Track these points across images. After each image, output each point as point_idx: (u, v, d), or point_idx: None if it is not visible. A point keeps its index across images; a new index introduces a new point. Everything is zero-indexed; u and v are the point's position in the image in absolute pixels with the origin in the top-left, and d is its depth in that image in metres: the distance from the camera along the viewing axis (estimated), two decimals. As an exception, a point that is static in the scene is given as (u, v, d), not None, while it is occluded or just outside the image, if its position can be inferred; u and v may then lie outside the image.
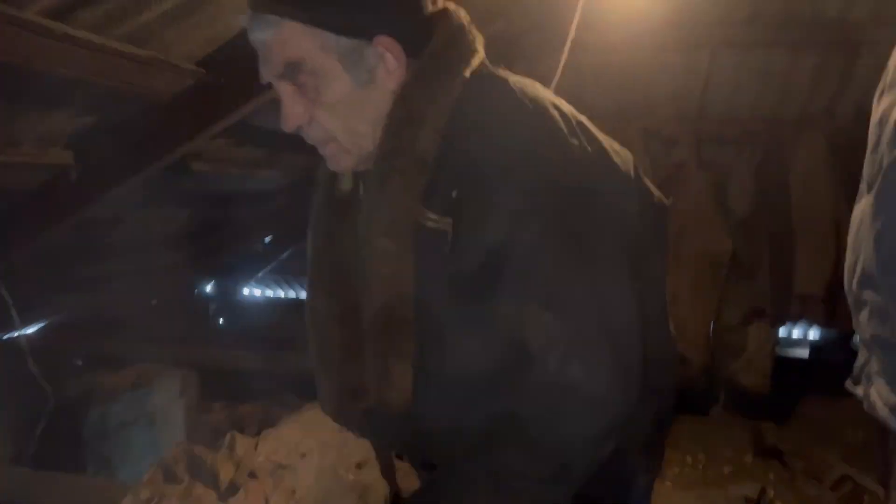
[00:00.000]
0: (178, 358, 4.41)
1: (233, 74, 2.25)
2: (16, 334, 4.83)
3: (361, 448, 2.48)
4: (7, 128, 2.17)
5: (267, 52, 0.97)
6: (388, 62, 0.97)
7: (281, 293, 7.54)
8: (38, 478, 2.41)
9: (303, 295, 6.65)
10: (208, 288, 6.66)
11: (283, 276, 7.18)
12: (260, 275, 7.01)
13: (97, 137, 2.49)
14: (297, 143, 1.10)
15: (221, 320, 6.01)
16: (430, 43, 0.99)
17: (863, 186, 1.23)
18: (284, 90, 0.98)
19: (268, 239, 6.34)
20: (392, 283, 0.97)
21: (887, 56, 1.21)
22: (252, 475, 1.98)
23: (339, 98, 0.97)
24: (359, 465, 2.43)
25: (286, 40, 0.94)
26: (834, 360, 4.28)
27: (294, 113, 0.99)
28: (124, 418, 3.69)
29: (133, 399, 3.76)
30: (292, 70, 0.96)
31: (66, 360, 4.64)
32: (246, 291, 7.01)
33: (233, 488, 1.92)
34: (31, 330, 5.26)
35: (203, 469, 1.93)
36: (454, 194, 0.92)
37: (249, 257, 6.39)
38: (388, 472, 2.24)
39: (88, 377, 4.32)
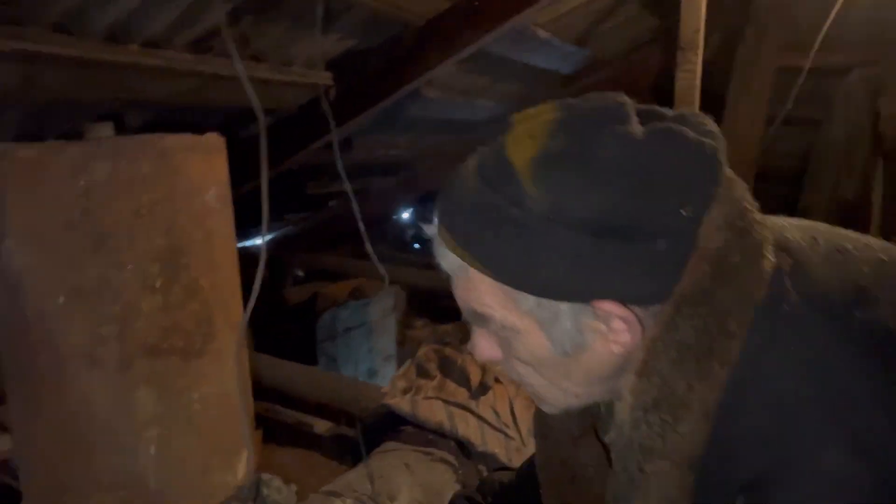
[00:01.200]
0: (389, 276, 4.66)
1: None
2: (250, 243, 5.37)
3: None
4: (285, 49, 2.38)
5: (453, 285, 0.82)
6: (610, 327, 0.77)
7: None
8: (289, 367, 2.70)
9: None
10: (406, 214, 6.96)
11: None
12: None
13: (355, 59, 2.65)
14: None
15: (417, 245, 6.30)
16: (680, 281, 0.74)
17: None
18: (476, 329, 0.85)
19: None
20: None
21: None
22: (497, 380, 2.10)
23: (537, 360, 0.82)
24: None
25: (472, 289, 0.79)
26: None
27: (484, 349, 0.84)
28: (349, 324, 4.06)
29: (356, 308, 4.11)
30: (480, 320, 0.82)
31: (290, 271, 5.11)
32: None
33: (482, 388, 2.05)
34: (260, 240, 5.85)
35: (454, 368, 2.08)
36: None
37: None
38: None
39: (311, 286, 4.76)
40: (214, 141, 1.08)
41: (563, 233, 0.70)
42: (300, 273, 5.27)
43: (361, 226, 1.89)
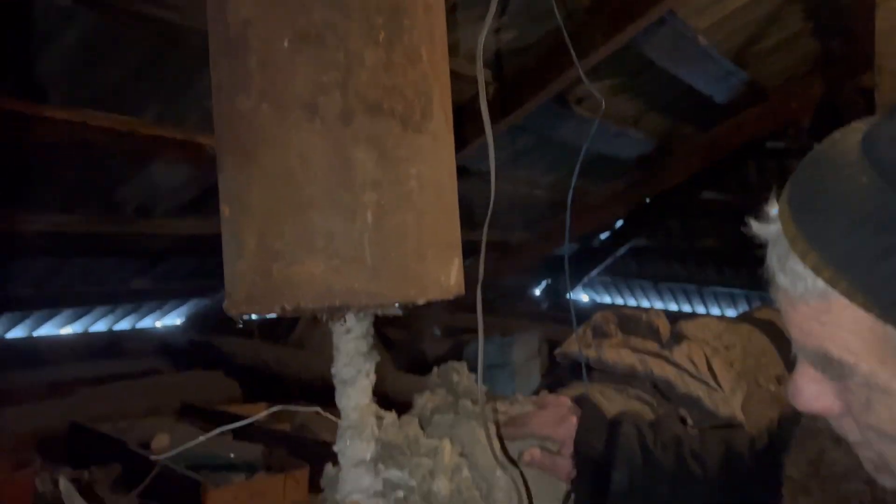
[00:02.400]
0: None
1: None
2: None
3: (778, 364, 2.25)
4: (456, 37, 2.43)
5: (790, 307, 0.62)
6: None
7: (609, 299, 7.40)
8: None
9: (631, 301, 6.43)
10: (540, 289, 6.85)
11: (618, 278, 7.04)
12: (589, 278, 6.96)
13: (512, 56, 2.68)
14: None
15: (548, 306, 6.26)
16: None
17: None
18: (806, 369, 0.66)
19: (605, 235, 6.30)
20: None
21: None
22: (686, 338, 1.88)
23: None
24: (778, 379, 2.20)
25: (830, 324, 0.59)
26: None
27: (812, 396, 0.65)
28: (493, 361, 3.89)
29: (500, 344, 3.95)
30: (830, 368, 0.62)
31: (428, 329, 5.04)
32: (573, 295, 7.04)
33: (674, 339, 1.83)
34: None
35: (638, 325, 1.87)
36: None
37: (586, 253, 6.38)
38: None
39: (449, 340, 4.75)
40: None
41: None
42: (437, 332, 5.21)
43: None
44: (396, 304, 0.95)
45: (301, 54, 0.91)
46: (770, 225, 0.61)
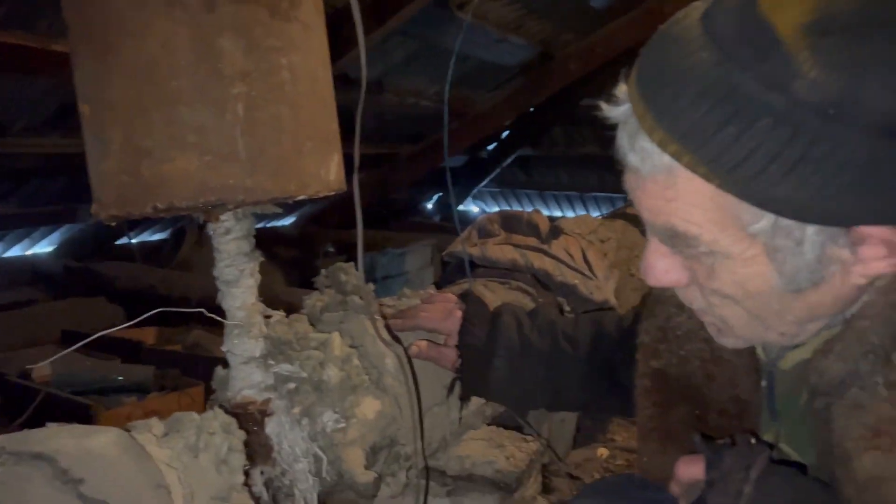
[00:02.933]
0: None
1: None
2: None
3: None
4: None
5: (638, 186, 0.66)
6: (858, 256, 0.60)
7: (498, 210, 7.57)
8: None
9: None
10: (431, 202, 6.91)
11: (505, 188, 7.18)
12: (478, 189, 7.07)
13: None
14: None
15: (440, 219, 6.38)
16: None
17: None
18: (656, 245, 0.69)
19: (492, 146, 6.37)
20: None
21: None
22: (563, 233, 1.98)
23: (746, 294, 0.65)
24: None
25: (676, 199, 0.62)
26: None
27: (662, 271, 0.69)
28: (387, 272, 3.95)
29: (394, 256, 4.01)
30: (677, 240, 0.65)
31: (321, 247, 5.01)
32: (463, 207, 7.15)
33: (553, 233, 1.92)
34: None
35: (520, 223, 1.95)
36: None
37: (474, 164, 6.46)
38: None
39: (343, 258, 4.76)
40: None
41: (850, 135, 0.51)
42: (331, 249, 5.19)
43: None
44: (274, 201, 0.94)
45: (155, -65, 0.85)
46: (620, 106, 0.64)
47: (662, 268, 0.69)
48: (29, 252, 4.49)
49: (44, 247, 4.54)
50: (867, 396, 0.58)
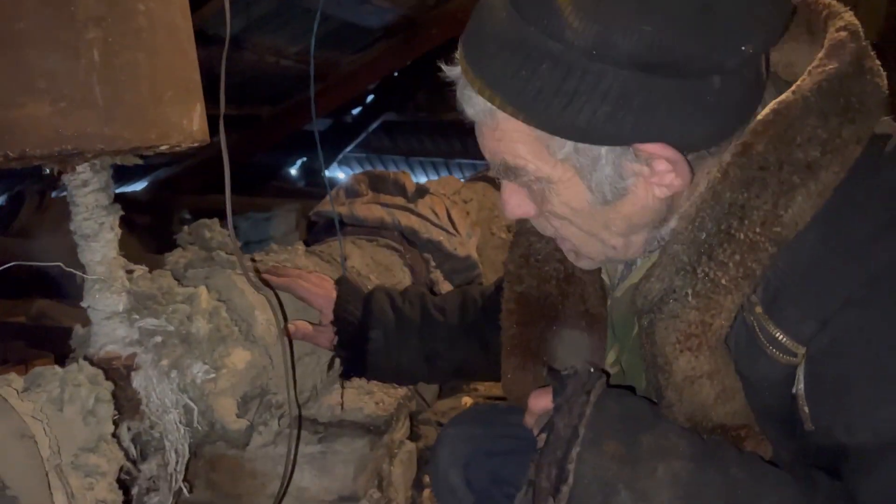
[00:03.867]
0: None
1: None
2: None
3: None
4: None
5: (479, 134, 0.76)
6: (653, 169, 0.70)
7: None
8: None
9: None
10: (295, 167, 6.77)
11: (371, 154, 7.15)
12: (344, 154, 7.00)
13: None
14: None
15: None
16: (750, 119, 0.70)
17: None
18: (506, 184, 0.80)
19: (357, 111, 6.32)
20: (714, 406, 0.74)
21: None
22: (429, 193, 2.04)
23: (573, 212, 0.75)
24: (508, 228, 2.49)
25: (501, 138, 0.73)
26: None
27: (514, 205, 0.80)
28: (249, 237, 3.86)
29: (257, 221, 3.91)
30: (511, 173, 0.75)
31: (177, 213, 4.80)
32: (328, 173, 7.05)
33: (419, 193, 1.98)
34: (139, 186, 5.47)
35: (386, 183, 1.99)
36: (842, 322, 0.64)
37: (339, 129, 6.38)
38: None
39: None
40: None
41: (609, 70, 0.63)
42: (187, 216, 4.98)
43: None
44: (135, 151, 0.93)
45: None
46: (455, 67, 0.75)
47: (514, 203, 0.80)
48: None
49: None
50: (680, 307, 0.70)
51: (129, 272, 1.05)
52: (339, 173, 7.31)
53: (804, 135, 0.67)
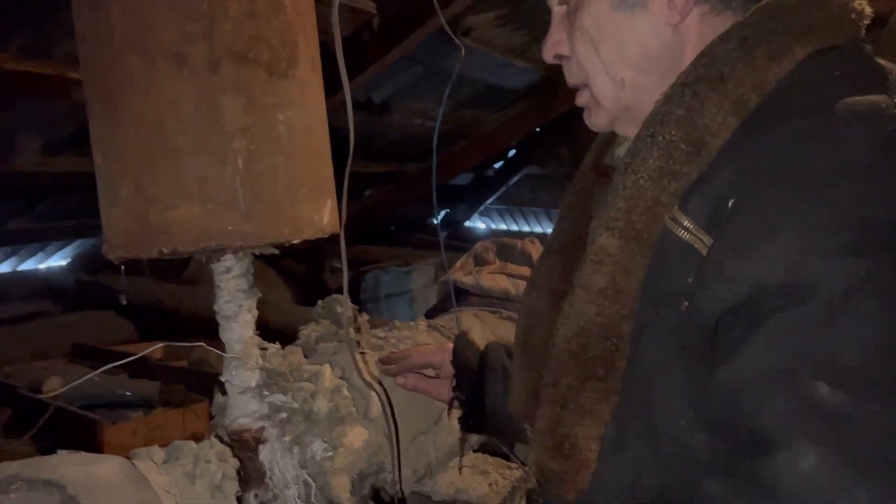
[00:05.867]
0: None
1: None
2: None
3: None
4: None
5: None
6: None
7: (504, 226, 7.59)
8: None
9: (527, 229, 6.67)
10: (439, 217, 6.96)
11: (512, 206, 7.22)
12: (485, 206, 7.12)
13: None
14: None
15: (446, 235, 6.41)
16: None
17: None
18: (556, 12, 0.88)
19: (499, 164, 6.43)
20: (602, 299, 0.76)
21: None
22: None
23: (593, 20, 0.82)
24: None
25: None
26: None
27: (553, 39, 0.87)
28: (391, 289, 4.02)
29: (398, 274, 4.08)
30: None
31: (328, 261, 5.09)
32: (469, 224, 7.18)
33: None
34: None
35: (514, 252, 2.02)
36: (730, 203, 0.66)
37: (481, 182, 6.51)
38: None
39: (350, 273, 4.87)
40: None
41: None
42: (337, 264, 5.27)
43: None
44: (270, 244, 1.02)
45: (165, 4, 0.93)
46: None
47: (555, 39, 0.87)
48: (43, 266, 4.60)
49: (57, 261, 4.64)
50: (613, 195, 0.76)
51: (263, 349, 1.14)
52: (479, 224, 7.43)
53: (722, 55, 0.73)
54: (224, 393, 1.16)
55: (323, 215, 1.07)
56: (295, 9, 1.03)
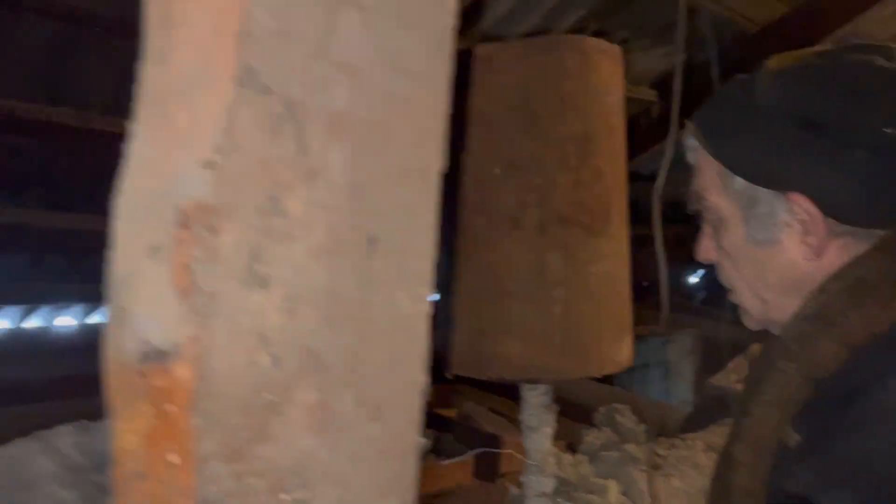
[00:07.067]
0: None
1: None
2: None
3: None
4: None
5: (697, 178, 0.89)
6: (801, 225, 0.78)
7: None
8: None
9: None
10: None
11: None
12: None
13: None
14: None
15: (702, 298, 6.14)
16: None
17: None
18: (705, 229, 0.90)
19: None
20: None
21: None
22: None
23: (733, 248, 0.84)
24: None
25: (699, 171, 0.86)
26: None
27: (703, 245, 0.90)
28: (646, 359, 4.02)
29: (653, 343, 4.06)
30: (700, 203, 0.87)
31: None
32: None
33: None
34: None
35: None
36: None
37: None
38: None
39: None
40: (618, 52, 1.23)
41: (778, 120, 0.77)
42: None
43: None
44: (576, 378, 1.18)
45: (509, 179, 1.14)
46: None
47: (704, 246, 0.90)
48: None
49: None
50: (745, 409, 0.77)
51: (558, 458, 1.31)
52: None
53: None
54: (518, 488, 1.34)
55: (621, 351, 1.21)
56: (612, 173, 1.19)
